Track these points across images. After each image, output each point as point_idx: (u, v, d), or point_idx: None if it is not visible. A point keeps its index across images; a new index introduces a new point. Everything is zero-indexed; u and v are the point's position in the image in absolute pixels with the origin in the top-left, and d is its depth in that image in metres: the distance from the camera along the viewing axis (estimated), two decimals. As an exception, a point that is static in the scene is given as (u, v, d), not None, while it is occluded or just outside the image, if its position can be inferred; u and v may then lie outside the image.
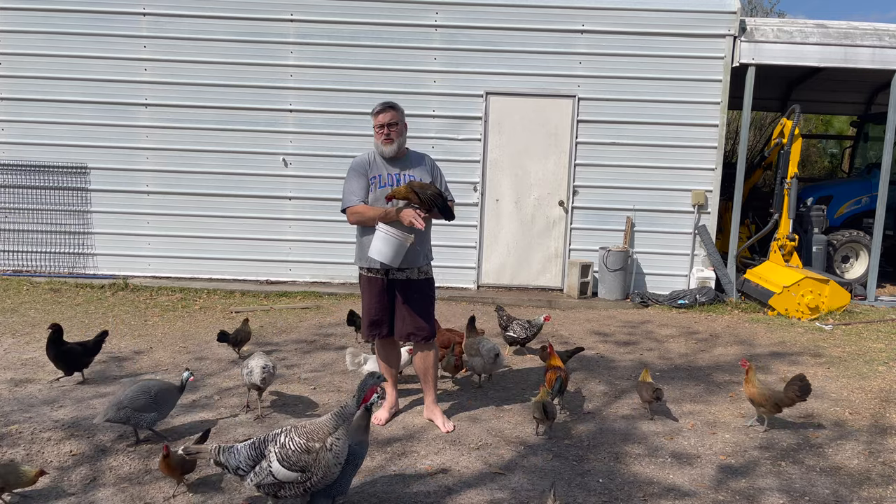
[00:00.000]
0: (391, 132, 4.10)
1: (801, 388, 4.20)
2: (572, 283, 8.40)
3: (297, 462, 2.89)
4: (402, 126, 4.17)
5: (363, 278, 4.28)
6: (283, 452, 2.91)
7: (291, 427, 3.03)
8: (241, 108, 8.41)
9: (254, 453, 2.97)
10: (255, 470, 2.94)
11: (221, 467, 3.02)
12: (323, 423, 3.00)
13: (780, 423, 4.47)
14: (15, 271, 8.56)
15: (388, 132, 4.10)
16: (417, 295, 4.21)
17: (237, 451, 3.00)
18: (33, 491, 3.33)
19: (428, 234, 4.26)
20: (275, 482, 2.91)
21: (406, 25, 8.29)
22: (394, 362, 4.48)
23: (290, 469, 2.89)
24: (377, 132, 4.14)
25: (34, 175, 8.49)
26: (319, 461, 2.91)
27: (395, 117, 4.11)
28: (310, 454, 2.90)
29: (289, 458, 2.89)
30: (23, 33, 8.31)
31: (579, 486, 3.56)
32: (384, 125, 4.09)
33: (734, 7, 8.23)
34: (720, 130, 8.42)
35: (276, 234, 8.61)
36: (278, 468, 2.89)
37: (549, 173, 8.55)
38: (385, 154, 4.14)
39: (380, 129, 4.11)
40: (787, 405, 4.25)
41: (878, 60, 8.33)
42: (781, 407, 4.27)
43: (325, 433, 2.96)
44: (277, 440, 2.97)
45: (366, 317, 4.32)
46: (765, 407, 4.29)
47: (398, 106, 4.16)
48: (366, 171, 4.15)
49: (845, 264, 9.65)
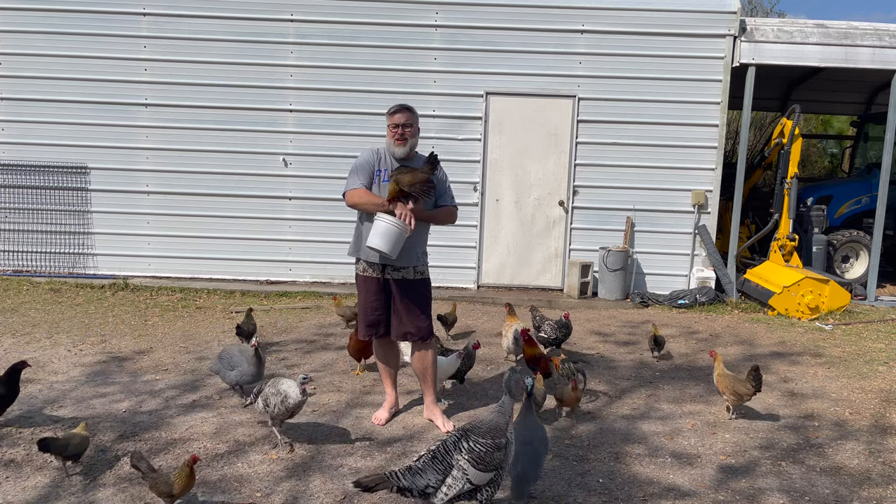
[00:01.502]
0: (405, 133, 4.11)
1: (755, 378, 4.39)
2: (572, 283, 8.40)
3: (492, 461, 2.95)
4: (415, 128, 4.19)
5: (359, 278, 4.28)
6: (475, 457, 2.93)
7: (461, 432, 3.02)
8: (241, 108, 8.41)
9: (441, 467, 2.95)
10: (446, 483, 2.92)
11: (403, 492, 2.94)
12: (495, 420, 3.04)
13: (781, 423, 4.48)
14: (15, 271, 8.56)
15: (402, 132, 4.11)
16: (413, 294, 4.21)
17: (422, 470, 2.94)
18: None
19: (424, 234, 4.26)
20: (472, 488, 2.95)
21: (406, 25, 8.29)
22: (392, 362, 4.47)
23: (487, 470, 2.94)
24: (391, 131, 4.14)
25: (34, 175, 8.49)
26: (509, 455, 3.04)
27: (411, 119, 4.14)
28: (500, 451, 2.98)
29: (483, 460, 2.93)
30: (23, 33, 8.31)
31: (579, 486, 3.56)
32: (399, 125, 4.11)
33: (734, 7, 8.23)
34: (720, 130, 8.42)
35: (276, 234, 8.60)
36: (475, 473, 2.92)
37: (549, 173, 8.55)
38: (396, 154, 4.14)
39: (394, 128, 4.12)
40: (746, 394, 4.41)
41: (878, 60, 8.34)
42: (742, 396, 4.43)
43: (502, 428, 3.02)
44: (461, 447, 2.96)
45: (362, 317, 4.31)
46: (726, 395, 4.49)
47: (414, 109, 4.20)
48: (372, 163, 4.19)
49: (845, 264, 9.65)
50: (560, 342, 5.73)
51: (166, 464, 3.67)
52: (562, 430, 4.26)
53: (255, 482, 3.49)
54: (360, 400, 4.69)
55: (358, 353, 5.19)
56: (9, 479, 3.48)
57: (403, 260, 4.12)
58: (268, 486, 3.47)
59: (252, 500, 3.32)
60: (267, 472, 3.61)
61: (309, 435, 4.10)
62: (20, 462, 3.65)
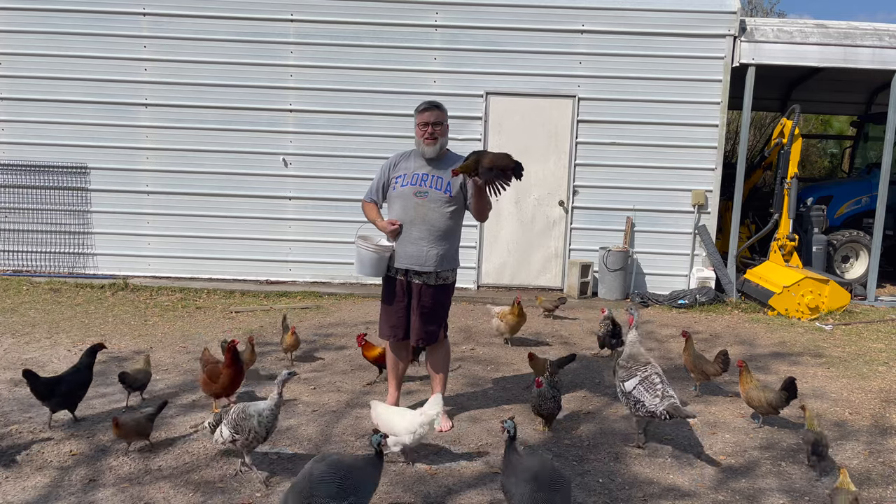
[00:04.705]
0: (435, 131, 4.06)
1: (724, 361, 4.80)
2: (572, 282, 8.40)
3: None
4: (445, 127, 4.12)
5: (385, 278, 4.26)
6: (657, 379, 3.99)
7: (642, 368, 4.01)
8: (242, 108, 8.41)
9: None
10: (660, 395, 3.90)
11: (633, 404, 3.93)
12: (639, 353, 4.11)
13: (781, 423, 4.47)
14: (15, 271, 8.56)
15: (432, 131, 4.05)
16: (429, 300, 4.16)
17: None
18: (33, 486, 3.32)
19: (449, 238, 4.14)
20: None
21: (406, 25, 8.29)
22: (402, 363, 4.45)
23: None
24: (420, 130, 4.08)
25: (34, 175, 8.49)
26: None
27: (441, 117, 4.09)
28: None
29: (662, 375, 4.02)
30: (23, 33, 8.31)
31: (579, 486, 3.56)
32: (428, 123, 4.05)
33: (734, 7, 8.23)
34: (720, 130, 8.42)
35: (276, 234, 8.60)
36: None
37: (550, 173, 8.54)
38: (426, 154, 4.08)
39: (423, 126, 4.06)
40: (712, 374, 4.84)
41: (878, 60, 8.34)
42: (709, 376, 4.86)
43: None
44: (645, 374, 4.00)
45: (385, 318, 4.29)
46: (694, 374, 4.93)
47: (443, 106, 4.14)
48: (387, 171, 4.21)
49: (845, 264, 9.65)
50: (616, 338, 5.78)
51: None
52: (562, 431, 4.26)
53: (255, 482, 3.49)
54: (359, 400, 4.69)
55: (221, 389, 4.26)
56: (9, 479, 3.47)
57: (425, 266, 4.08)
58: (268, 486, 3.47)
59: (252, 500, 3.32)
60: (267, 472, 3.60)
61: (309, 435, 4.10)
62: (20, 462, 3.65)
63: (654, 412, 3.87)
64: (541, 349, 6.14)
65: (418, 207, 4.05)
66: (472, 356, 5.86)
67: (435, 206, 4.05)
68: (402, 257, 4.11)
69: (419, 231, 4.05)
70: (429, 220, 4.05)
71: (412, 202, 4.06)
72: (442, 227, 4.07)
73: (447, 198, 4.07)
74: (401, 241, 4.10)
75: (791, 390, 4.29)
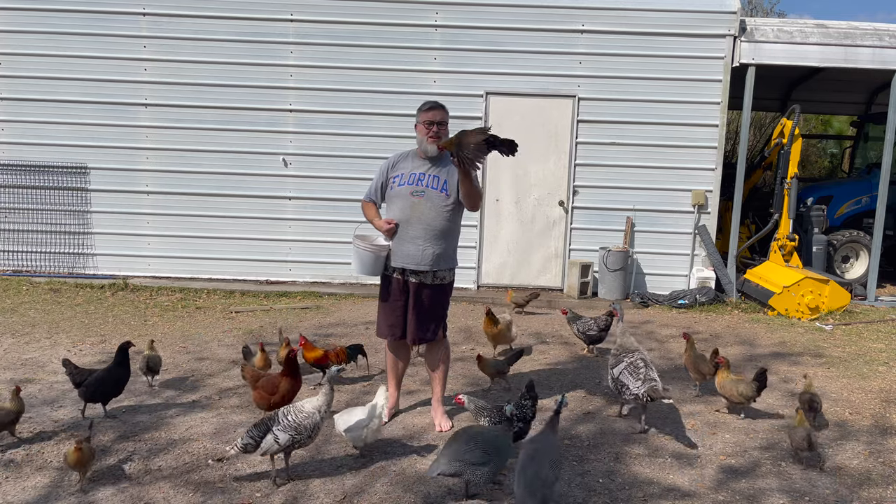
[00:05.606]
0: (440, 131, 4.12)
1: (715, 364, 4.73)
2: (572, 283, 8.40)
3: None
4: (447, 127, 4.20)
5: (383, 277, 4.29)
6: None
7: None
8: (241, 108, 8.40)
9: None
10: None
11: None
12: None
13: (781, 423, 4.47)
14: (15, 271, 8.55)
15: (436, 130, 4.11)
16: (426, 300, 4.17)
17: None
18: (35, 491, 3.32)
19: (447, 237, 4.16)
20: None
21: (406, 25, 8.29)
22: (402, 363, 4.46)
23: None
24: (424, 128, 4.13)
25: (34, 175, 8.49)
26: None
27: (445, 117, 4.16)
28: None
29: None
30: (23, 33, 8.31)
31: (579, 486, 3.56)
32: (433, 122, 4.11)
33: (734, 7, 8.23)
34: (720, 130, 8.41)
35: (276, 234, 8.60)
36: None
37: (549, 173, 8.54)
38: (429, 152, 4.13)
39: (428, 125, 4.12)
40: (707, 373, 4.84)
41: (878, 60, 8.33)
42: (705, 375, 4.86)
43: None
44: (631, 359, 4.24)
45: (382, 316, 4.31)
46: (694, 375, 4.94)
47: (446, 107, 4.22)
48: (385, 171, 4.26)
49: (845, 264, 9.65)
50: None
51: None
52: (562, 430, 4.26)
53: (255, 482, 3.49)
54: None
55: (281, 399, 4.06)
56: (9, 479, 3.47)
57: (422, 265, 4.10)
58: (268, 486, 3.46)
59: (252, 500, 3.32)
60: (267, 472, 3.60)
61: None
62: (20, 462, 3.65)
63: (638, 394, 4.04)
64: (541, 349, 6.14)
65: (415, 206, 4.07)
66: (472, 356, 5.85)
67: (432, 205, 4.07)
68: (399, 256, 4.13)
69: (416, 230, 4.07)
70: (426, 220, 4.06)
71: (409, 201, 4.08)
72: (439, 226, 4.08)
73: (444, 197, 4.09)
74: (398, 240, 4.12)
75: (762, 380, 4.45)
